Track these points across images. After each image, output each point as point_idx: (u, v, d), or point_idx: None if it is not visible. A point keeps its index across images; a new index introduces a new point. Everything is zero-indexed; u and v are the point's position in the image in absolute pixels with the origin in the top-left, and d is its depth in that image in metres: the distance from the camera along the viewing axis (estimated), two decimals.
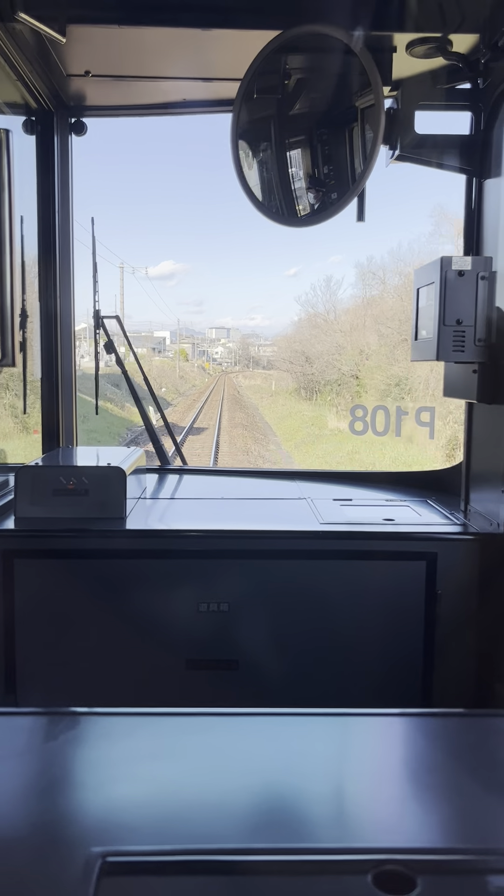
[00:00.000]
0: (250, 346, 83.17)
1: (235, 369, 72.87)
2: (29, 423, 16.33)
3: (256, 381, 48.92)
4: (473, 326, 2.54)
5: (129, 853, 0.90)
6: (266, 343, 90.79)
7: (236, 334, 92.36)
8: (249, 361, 75.68)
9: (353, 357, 25.85)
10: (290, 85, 2.73)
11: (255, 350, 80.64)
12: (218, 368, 72.61)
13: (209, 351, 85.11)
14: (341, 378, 26.08)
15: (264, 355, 66.17)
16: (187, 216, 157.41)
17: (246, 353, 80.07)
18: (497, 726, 1.28)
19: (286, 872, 0.89)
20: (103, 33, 2.60)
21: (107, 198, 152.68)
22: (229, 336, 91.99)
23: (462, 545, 2.60)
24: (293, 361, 33.05)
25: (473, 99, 2.72)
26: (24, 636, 2.54)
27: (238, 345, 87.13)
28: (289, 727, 1.24)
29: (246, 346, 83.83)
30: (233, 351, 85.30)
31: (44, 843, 0.93)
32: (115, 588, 2.57)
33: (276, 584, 2.59)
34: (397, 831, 0.97)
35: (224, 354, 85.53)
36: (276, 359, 42.23)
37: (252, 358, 76.37)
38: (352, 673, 2.61)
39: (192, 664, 2.56)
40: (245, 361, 77.09)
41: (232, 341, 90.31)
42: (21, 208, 2.64)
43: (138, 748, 1.17)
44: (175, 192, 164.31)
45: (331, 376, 27.21)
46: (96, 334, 3.49)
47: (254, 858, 0.90)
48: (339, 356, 27.15)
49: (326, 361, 28.02)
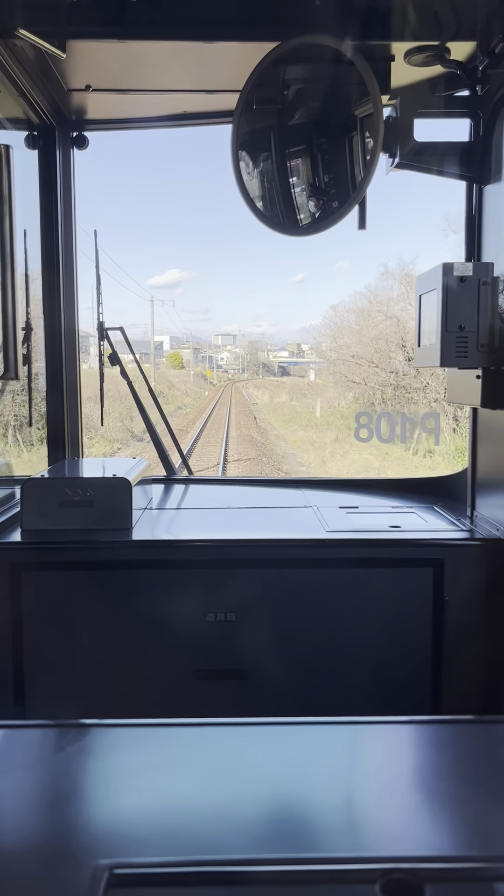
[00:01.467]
0: (259, 351, 78.61)
1: (244, 377, 67.50)
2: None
3: (280, 396, 32.69)
4: (476, 332, 2.54)
5: (136, 865, 0.89)
6: (274, 347, 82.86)
7: (243, 340, 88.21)
8: (259, 368, 71.00)
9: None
10: (290, 95, 2.75)
11: (266, 355, 76.28)
12: (223, 376, 66.43)
13: (214, 357, 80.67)
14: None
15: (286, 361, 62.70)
16: (194, 225, 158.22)
17: (254, 359, 75.47)
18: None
19: (294, 882, 0.89)
20: (103, 48, 2.62)
21: (111, 207, 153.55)
22: (235, 343, 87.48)
23: (469, 551, 2.59)
24: (345, 363, 22.00)
25: (472, 106, 2.73)
26: (31, 648, 2.54)
27: (246, 349, 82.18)
28: (297, 736, 1.24)
29: (254, 351, 79.33)
30: (240, 356, 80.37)
31: (52, 854, 0.93)
32: (123, 599, 2.57)
33: (283, 593, 2.58)
34: (405, 839, 0.97)
35: (230, 360, 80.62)
36: (298, 363, 37.42)
37: (262, 364, 71.88)
38: (360, 681, 2.60)
39: (200, 674, 2.55)
40: (254, 367, 72.47)
41: (238, 347, 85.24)
42: (24, 222, 2.66)
43: (146, 759, 1.17)
44: (182, 201, 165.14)
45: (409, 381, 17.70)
46: (100, 346, 3.50)
47: (262, 869, 0.90)
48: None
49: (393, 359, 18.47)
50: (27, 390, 3.34)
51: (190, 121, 3.30)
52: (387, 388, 19.73)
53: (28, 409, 3.38)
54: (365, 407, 19.65)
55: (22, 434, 12.73)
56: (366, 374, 21.02)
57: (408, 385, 18.87)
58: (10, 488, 3.05)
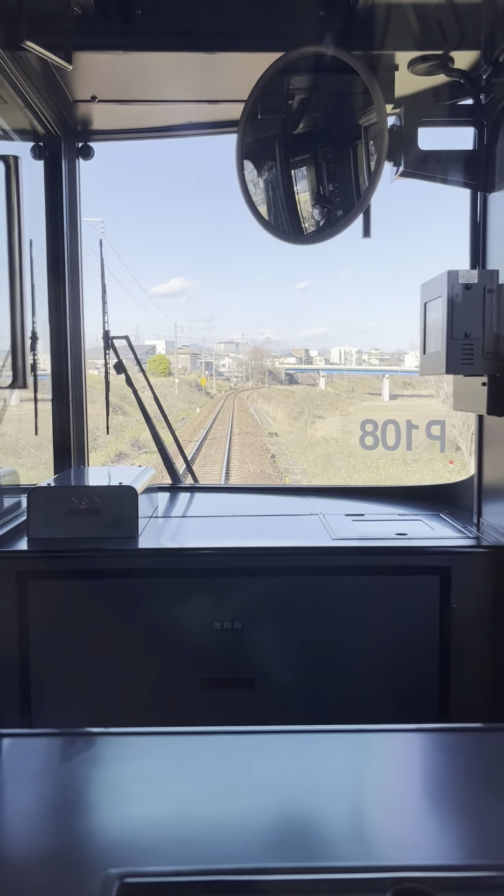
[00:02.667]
0: (264, 358, 72.52)
1: (247, 385, 62.05)
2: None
3: (320, 425, 22.06)
4: (482, 339, 2.54)
5: (146, 874, 0.89)
6: (280, 354, 74.76)
7: (245, 348, 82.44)
8: (265, 375, 65.64)
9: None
10: (294, 105, 2.76)
11: (271, 362, 70.31)
12: (224, 385, 59.88)
13: (215, 363, 73.07)
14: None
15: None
16: (198, 234, 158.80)
17: (259, 366, 69.81)
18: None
19: (304, 892, 0.88)
20: (109, 59, 2.64)
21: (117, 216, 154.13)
22: (238, 350, 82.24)
23: (476, 558, 2.58)
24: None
25: (476, 114, 2.74)
26: (38, 657, 2.54)
27: (250, 355, 75.51)
28: (305, 745, 1.24)
29: (259, 357, 73.11)
30: (243, 363, 73.39)
31: (61, 864, 0.93)
32: (129, 607, 2.57)
33: (290, 601, 2.58)
34: (416, 848, 0.97)
35: (233, 367, 73.55)
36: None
37: (268, 371, 66.32)
38: (368, 688, 2.59)
39: (206, 683, 2.55)
40: (259, 375, 66.80)
41: (241, 353, 78.80)
42: (30, 232, 2.67)
43: (154, 768, 1.17)
44: (186, 211, 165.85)
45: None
46: (105, 354, 3.51)
47: (272, 878, 0.89)
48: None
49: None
50: (33, 399, 3.35)
51: (195, 131, 3.32)
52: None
53: (34, 417, 3.39)
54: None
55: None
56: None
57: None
58: (17, 497, 3.05)
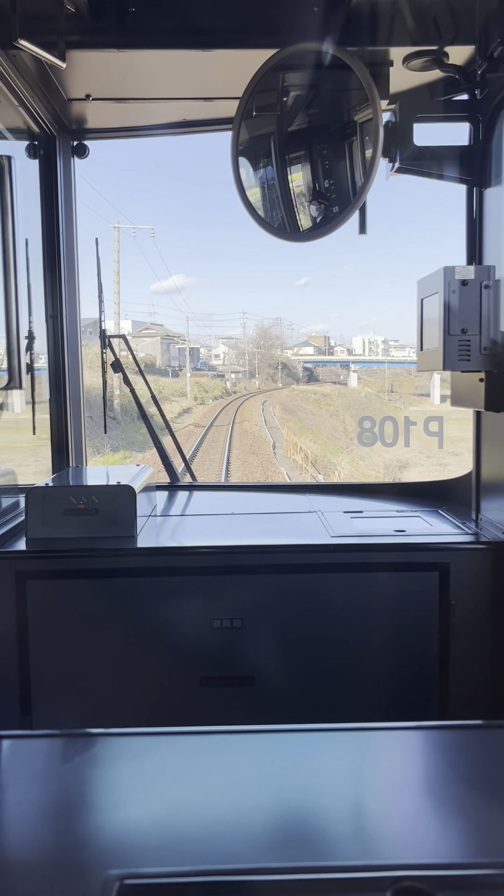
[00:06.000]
0: (273, 349, 52.54)
1: (254, 386, 43.87)
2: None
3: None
4: (479, 335, 2.54)
5: (146, 875, 0.89)
6: (295, 343, 52.46)
7: (248, 333, 62.23)
8: (277, 369, 47.58)
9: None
10: (289, 101, 2.76)
11: (280, 352, 49.56)
12: (216, 386, 40.73)
13: (205, 354, 52.55)
14: None
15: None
16: (199, 230, 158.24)
17: (269, 357, 50.11)
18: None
19: (304, 892, 0.88)
20: (103, 57, 2.63)
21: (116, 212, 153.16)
22: (239, 339, 61.99)
23: (474, 554, 2.58)
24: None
25: (471, 109, 2.74)
26: (37, 657, 2.54)
27: (255, 342, 54.36)
28: (305, 743, 1.24)
29: (268, 345, 52.19)
30: (245, 353, 52.41)
31: (61, 865, 0.92)
32: (128, 606, 2.56)
33: (289, 599, 2.58)
34: (416, 847, 0.96)
35: (231, 358, 52.82)
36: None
37: (280, 363, 48.41)
38: (367, 685, 2.59)
39: (206, 681, 2.55)
40: (269, 370, 48.33)
41: (243, 342, 57.52)
42: (25, 231, 2.66)
43: (154, 769, 1.17)
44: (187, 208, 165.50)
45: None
46: (102, 353, 3.51)
47: (272, 878, 0.89)
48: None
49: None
50: (30, 399, 3.34)
51: (190, 128, 3.31)
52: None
53: (31, 417, 3.38)
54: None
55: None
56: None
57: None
58: (15, 497, 3.05)
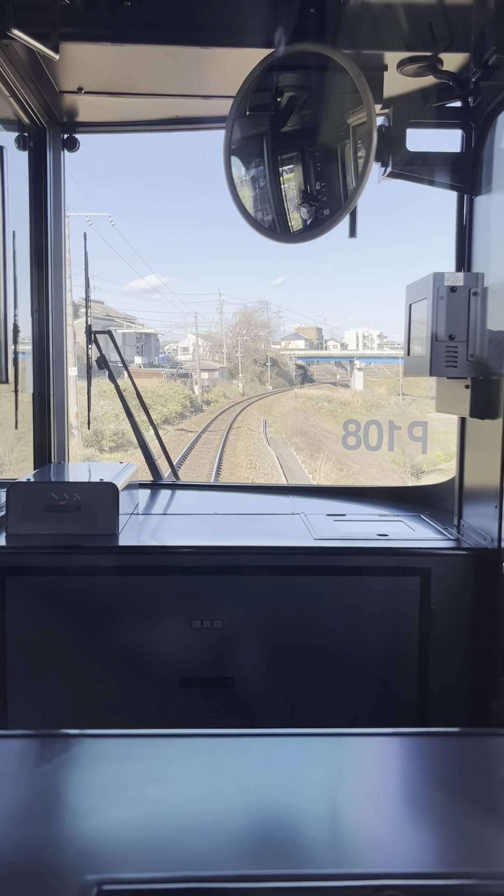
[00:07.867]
0: (259, 341, 42.69)
1: (235, 388, 35.77)
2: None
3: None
4: (466, 342, 2.55)
5: (124, 881, 0.88)
6: (285, 336, 41.24)
7: (228, 319, 51.83)
8: (266, 366, 38.72)
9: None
10: (283, 102, 2.75)
11: (266, 346, 40.20)
12: (179, 392, 32.17)
13: (166, 348, 42.55)
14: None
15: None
16: (173, 230, 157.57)
17: (254, 350, 40.84)
18: (493, 746, 1.27)
19: None
20: (96, 50, 2.61)
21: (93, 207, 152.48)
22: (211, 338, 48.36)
23: (455, 560, 2.59)
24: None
25: (464, 117, 2.75)
26: (14, 655, 2.51)
27: (234, 330, 44.45)
28: (284, 748, 1.23)
29: (253, 336, 42.45)
30: (224, 346, 42.91)
31: (37, 870, 0.91)
32: (108, 605, 2.54)
33: (270, 601, 2.57)
34: (395, 855, 0.96)
35: (203, 351, 41.01)
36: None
37: (270, 359, 39.70)
38: (346, 688, 2.59)
39: (185, 682, 2.53)
40: (258, 367, 39.35)
41: (219, 330, 47.56)
42: (13, 224, 2.64)
43: (132, 771, 1.15)
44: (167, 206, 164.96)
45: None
46: (88, 349, 3.48)
47: (251, 885, 0.88)
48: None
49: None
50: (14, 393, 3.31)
51: (182, 125, 3.30)
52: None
53: (14, 411, 3.34)
54: None
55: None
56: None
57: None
58: None
